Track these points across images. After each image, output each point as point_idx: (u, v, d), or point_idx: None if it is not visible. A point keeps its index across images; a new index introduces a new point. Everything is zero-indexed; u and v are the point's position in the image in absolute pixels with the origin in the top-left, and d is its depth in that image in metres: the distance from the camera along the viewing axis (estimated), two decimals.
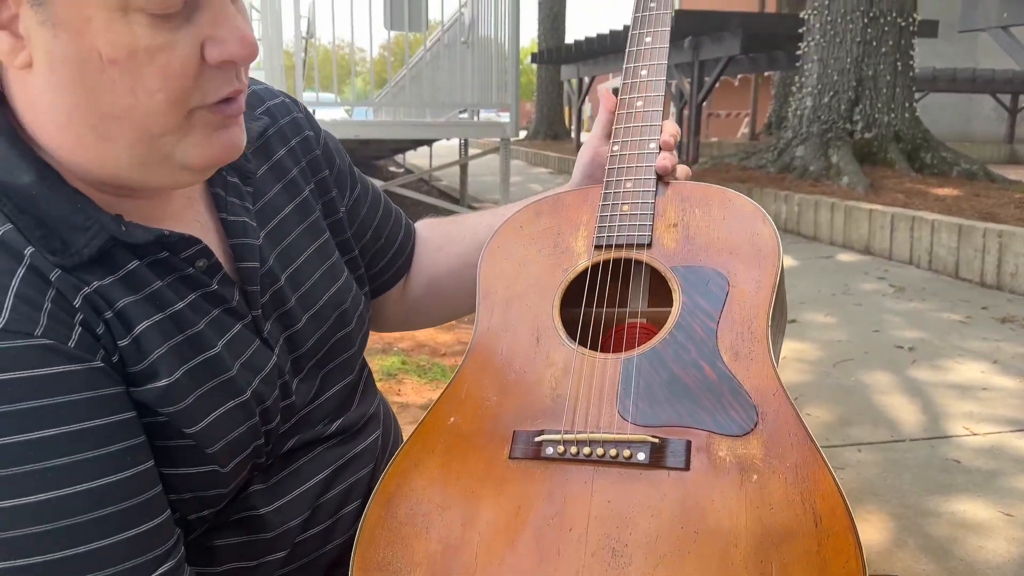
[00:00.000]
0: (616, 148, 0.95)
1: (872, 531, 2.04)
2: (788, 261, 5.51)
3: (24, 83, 0.64)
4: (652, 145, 0.93)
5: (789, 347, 3.51)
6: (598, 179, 1.00)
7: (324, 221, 0.89)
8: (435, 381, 2.99)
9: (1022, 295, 4.49)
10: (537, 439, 0.75)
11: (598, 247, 0.88)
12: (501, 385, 0.81)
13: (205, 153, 0.66)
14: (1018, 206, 5.75)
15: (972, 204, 5.87)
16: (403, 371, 3.05)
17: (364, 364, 0.95)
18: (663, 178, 0.92)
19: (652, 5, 1.03)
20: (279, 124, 0.87)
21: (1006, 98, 14.18)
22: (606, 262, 0.87)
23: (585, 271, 0.88)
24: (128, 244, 0.67)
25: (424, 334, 3.57)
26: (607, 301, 0.87)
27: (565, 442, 0.73)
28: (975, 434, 2.63)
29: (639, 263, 0.88)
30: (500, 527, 0.70)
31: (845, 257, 5.73)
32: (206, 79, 0.63)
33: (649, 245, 0.87)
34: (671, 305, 0.83)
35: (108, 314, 0.65)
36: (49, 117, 0.64)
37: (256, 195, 0.82)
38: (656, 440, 0.72)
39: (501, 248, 0.93)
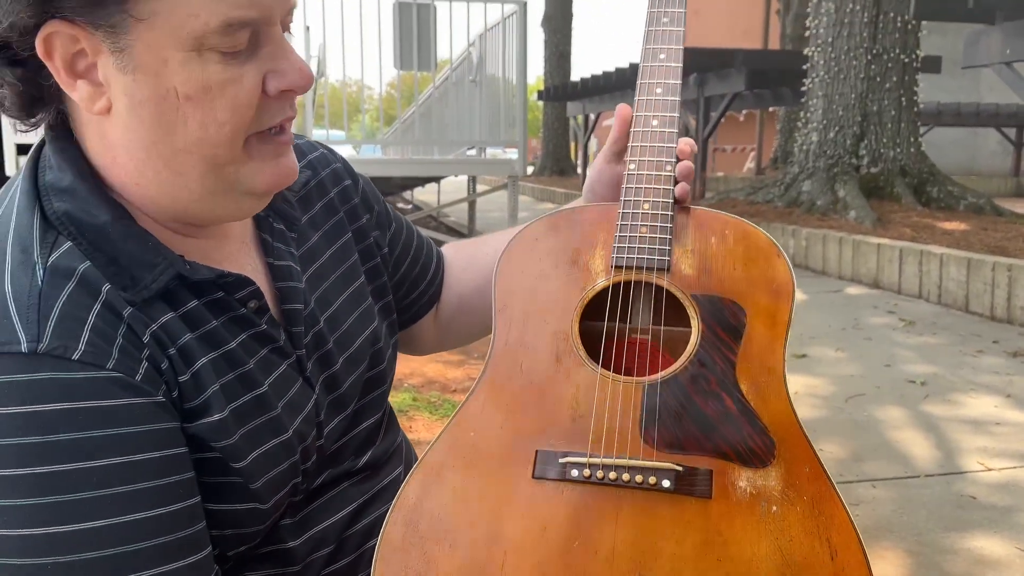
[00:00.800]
0: (632, 167, 0.95)
1: (889, 568, 2.02)
2: (797, 295, 5.51)
3: (101, 128, 0.68)
4: (668, 168, 0.94)
5: (801, 382, 3.50)
6: (604, 197, 1.02)
7: (362, 266, 0.93)
8: (446, 417, 2.98)
9: None
10: (562, 460, 0.75)
11: (617, 267, 0.89)
12: (521, 403, 0.81)
13: (266, 178, 0.71)
14: None
15: (980, 238, 5.88)
16: (414, 407, 3.05)
17: (390, 407, 0.97)
18: (680, 202, 0.93)
19: (665, 20, 1.02)
20: (320, 176, 0.92)
21: (1011, 132, 14.24)
22: (626, 283, 0.88)
23: (603, 290, 0.88)
24: (189, 283, 0.70)
25: (434, 370, 3.57)
26: (626, 326, 0.88)
27: (591, 465, 0.74)
28: (990, 469, 2.61)
29: (658, 287, 0.88)
30: (527, 547, 0.70)
31: (854, 291, 5.73)
32: (264, 109, 0.69)
33: (668, 269, 0.88)
34: (683, 325, 0.84)
35: (171, 350, 0.68)
36: (128, 157, 0.68)
37: (300, 241, 0.85)
38: (680, 468, 0.73)
39: (517, 261, 0.92)
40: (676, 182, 0.94)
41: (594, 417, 0.78)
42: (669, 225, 0.90)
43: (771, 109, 15.03)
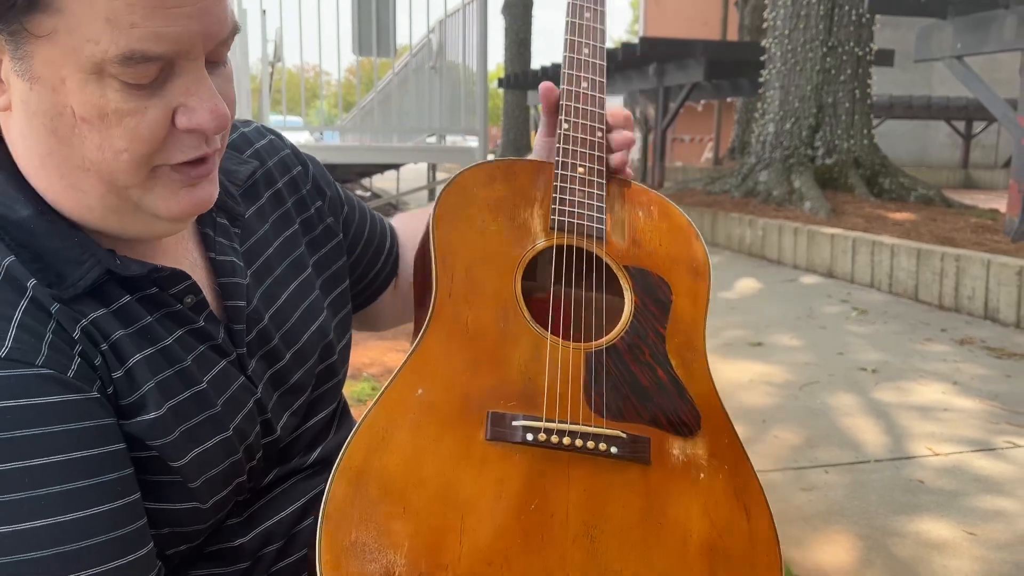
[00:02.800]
0: (566, 127, 0.96)
1: (840, 552, 2.06)
2: (753, 284, 5.60)
3: (7, 124, 0.66)
4: (599, 133, 0.97)
5: (757, 370, 3.55)
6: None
7: (313, 255, 0.91)
8: None
9: (979, 317, 4.60)
10: (516, 423, 0.75)
11: (556, 230, 0.90)
12: (469, 360, 0.79)
13: (171, 207, 0.67)
14: (974, 230, 5.91)
15: (930, 228, 6.02)
16: (372, 397, 3.03)
17: (345, 402, 0.96)
18: (617, 172, 0.96)
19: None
20: (267, 166, 0.89)
21: (960, 125, 14.59)
22: (562, 246, 0.89)
23: (543, 251, 0.90)
24: (121, 278, 0.68)
25: (393, 359, 3.56)
26: (563, 288, 0.89)
27: (546, 430, 0.75)
28: (937, 454, 2.68)
29: (593, 255, 0.90)
30: (484, 510, 0.70)
31: (808, 280, 5.83)
32: (174, 142, 0.65)
33: (603, 238, 0.91)
34: (613, 291, 0.88)
35: (104, 346, 0.66)
36: (27, 160, 0.66)
37: (244, 236, 0.83)
38: (624, 435, 0.77)
39: (455, 208, 0.90)
40: (610, 150, 0.96)
41: (546, 381, 0.79)
42: (602, 193, 0.92)
43: (729, 100, 15.18)
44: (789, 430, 2.89)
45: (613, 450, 0.75)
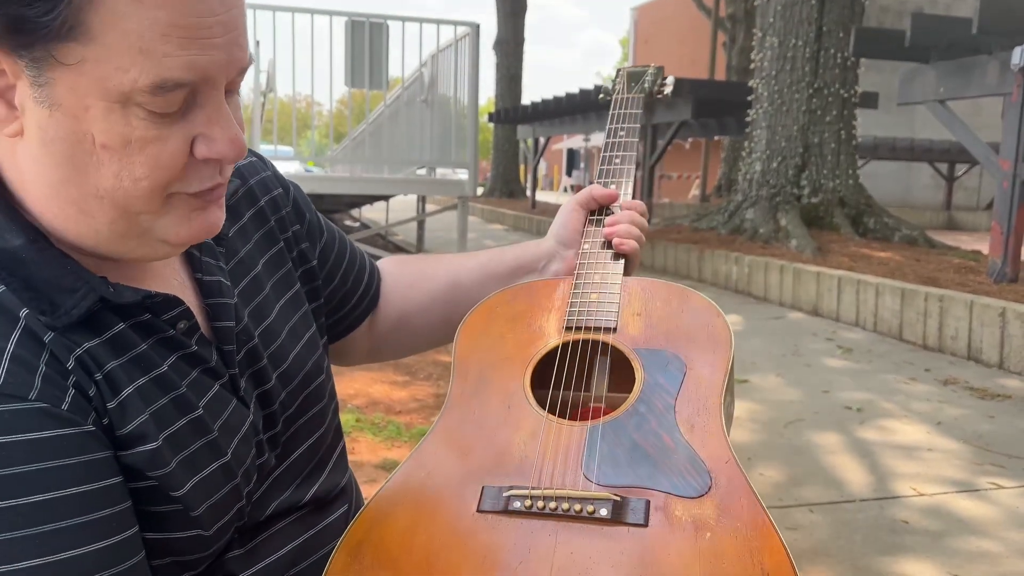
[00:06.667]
0: (586, 247, 1.05)
1: None
2: (739, 321, 5.62)
3: (13, 150, 0.64)
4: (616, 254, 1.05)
5: (742, 407, 3.55)
6: (567, 242, 1.07)
7: (295, 273, 0.91)
8: (390, 439, 2.95)
9: (962, 357, 4.64)
10: (505, 493, 0.77)
11: (568, 328, 0.95)
12: (472, 445, 0.84)
13: (182, 232, 0.68)
14: (957, 271, 5.97)
15: (914, 268, 6.08)
16: (357, 429, 3.01)
17: (340, 435, 0.95)
18: (629, 273, 1.02)
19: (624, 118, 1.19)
20: (248, 184, 0.89)
21: (943, 167, 14.82)
22: (576, 342, 0.94)
23: (555, 348, 0.93)
24: (114, 306, 0.67)
25: (379, 391, 3.54)
26: (575, 380, 0.92)
27: (533, 497, 0.76)
28: (922, 494, 2.68)
29: (605, 344, 0.93)
30: (465, 573, 0.71)
31: (794, 317, 5.86)
32: (191, 170, 0.65)
33: (615, 329, 0.94)
34: (631, 388, 0.88)
35: (98, 376, 0.65)
36: (35, 187, 0.65)
37: (228, 254, 0.83)
38: (618, 498, 0.76)
39: (477, 325, 0.99)
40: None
41: (538, 454, 0.81)
42: (617, 292, 0.98)
43: (716, 138, 15.36)
44: (774, 468, 2.89)
45: (603, 512, 0.74)
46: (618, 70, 1.30)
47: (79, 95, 0.59)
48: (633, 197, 1.10)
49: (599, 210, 1.09)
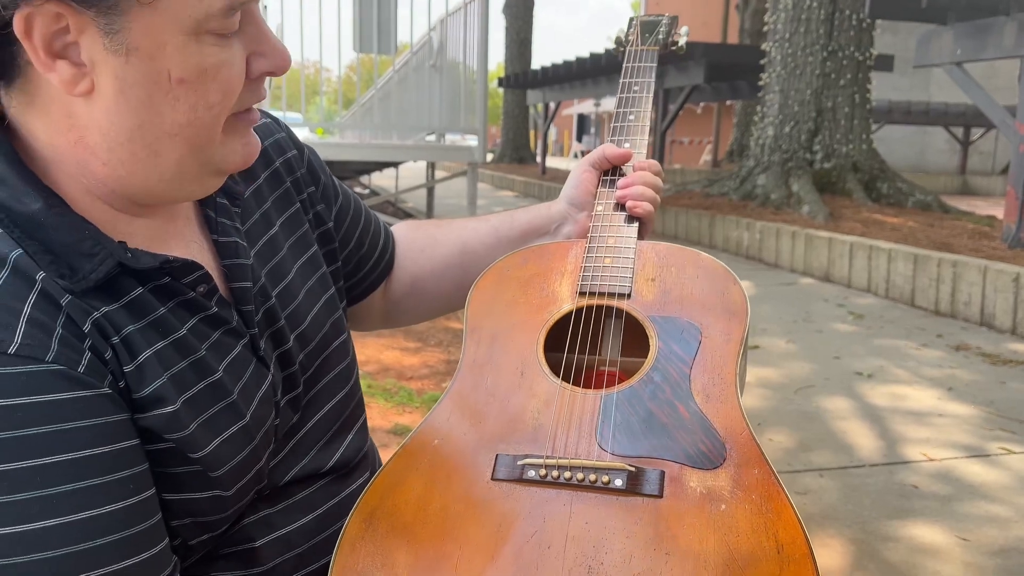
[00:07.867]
0: (599, 209, 1.03)
1: (834, 556, 2.07)
2: (750, 287, 5.60)
3: (68, 108, 0.64)
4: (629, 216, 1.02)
5: (753, 373, 3.56)
6: (579, 204, 1.05)
7: (312, 235, 0.91)
8: (401, 405, 2.98)
9: (975, 323, 4.62)
10: (520, 462, 0.77)
11: (581, 293, 0.94)
12: (485, 412, 0.84)
13: (237, 157, 0.71)
14: (971, 236, 5.92)
15: (927, 234, 6.04)
16: (368, 394, 3.03)
17: (362, 402, 0.95)
18: (643, 238, 1.00)
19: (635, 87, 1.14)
20: (263, 145, 0.89)
21: (959, 131, 14.62)
22: (588, 307, 0.92)
23: (568, 314, 0.92)
24: (132, 271, 0.68)
25: (390, 357, 3.56)
26: (588, 345, 0.91)
27: (547, 466, 0.76)
28: (932, 459, 2.69)
29: (619, 311, 0.92)
30: (481, 543, 0.72)
31: (805, 283, 5.84)
32: (245, 90, 0.68)
33: (629, 295, 0.92)
34: (645, 354, 0.87)
35: (115, 339, 0.65)
36: (102, 137, 0.65)
37: (244, 215, 0.83)
38: (632, 469, 0.76)
39: (488, 288, 0.97)
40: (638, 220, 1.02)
41: (552, 423, 0.81)
42: (631, 257, 0.96)
43: (728, 102, 15.21)
44: (784, 433, 2.90)
45: (617, 483, 0.75)
46: (631, 19, 1.24)
47: (155, 34, 0.61)
48: (644, 155, 1.07)
49: (612, 170, 1.06)
